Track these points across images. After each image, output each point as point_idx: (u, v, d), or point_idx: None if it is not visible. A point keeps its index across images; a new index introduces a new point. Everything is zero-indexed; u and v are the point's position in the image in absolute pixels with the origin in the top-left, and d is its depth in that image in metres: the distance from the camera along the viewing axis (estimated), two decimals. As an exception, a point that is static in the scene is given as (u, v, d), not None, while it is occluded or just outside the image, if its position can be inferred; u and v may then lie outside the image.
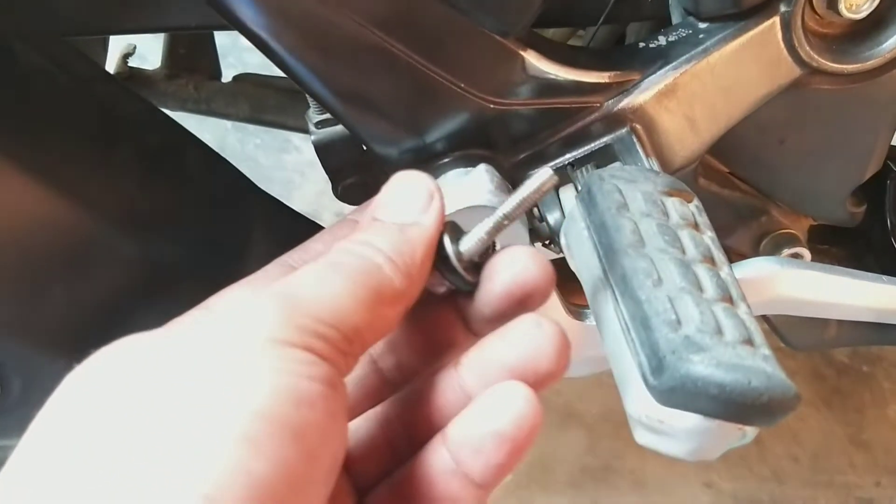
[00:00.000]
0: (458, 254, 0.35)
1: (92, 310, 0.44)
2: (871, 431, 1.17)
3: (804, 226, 0.70)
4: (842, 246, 0.74)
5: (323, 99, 0.53)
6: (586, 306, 0.61)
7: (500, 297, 0.35)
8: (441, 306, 0.36)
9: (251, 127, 1.41)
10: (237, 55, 1.35)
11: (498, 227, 0.36)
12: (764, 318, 0.74)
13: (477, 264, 0.36)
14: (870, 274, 0.59)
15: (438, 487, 0.32)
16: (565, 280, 0.61)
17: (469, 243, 0.35)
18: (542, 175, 0.36)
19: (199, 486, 0.24)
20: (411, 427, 0.35)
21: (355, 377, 0.37)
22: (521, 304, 0.35)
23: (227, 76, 0.98)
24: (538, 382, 0.32)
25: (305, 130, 0.87)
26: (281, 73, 0.51)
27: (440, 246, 0.34)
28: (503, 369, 0.32)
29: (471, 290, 0.36)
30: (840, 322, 0.75)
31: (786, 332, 0.76)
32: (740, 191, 0.66)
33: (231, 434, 0.25)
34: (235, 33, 0.49)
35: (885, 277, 0.59)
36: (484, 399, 0.31)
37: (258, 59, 0.53)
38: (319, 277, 0.30)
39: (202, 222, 0.51)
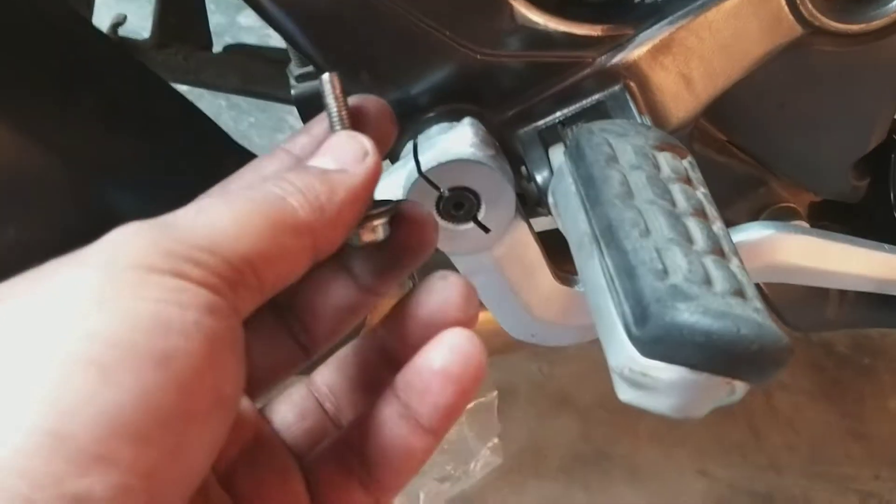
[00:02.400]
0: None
1: (48, 256, 0.42)
2: (871, 424, 1.14)
3: (804, 200, 0.68)
4: (842, 222, 0.71)
5: (303, 48, 0.51)
6: (576, 273, 0.59)
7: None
8: (335, 275, 0.36)
9: (245, 105, 1.39)
10: (234, 34, 1.33)
11: None
12: (762, 298, 0.71)
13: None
14: (870, 241, 0.57)
15: (387, 433, 0.32)
16: (555, 249, 0.60)
17: None
18: (325, 82, 0.35)
19: (43, 421, 0.21)
20: (339, 394, 0.36)
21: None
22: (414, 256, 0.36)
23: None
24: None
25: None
26: (272, 45, 0.50)
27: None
28: (417, 324, 0.33)
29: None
30: (841, 301, 0.73)
31: (784, 311, 0.74)
32: (738, 160, 0.64)
33: (75, 361, 0.22)
34: (231, 11, 0.47)
35: (886, 246, 0.57)
36: (431, 343, 0.32)
37: (254, 38, 0.51)
38: (202, 205, 0.28)
39: (172, 173, 0.49)
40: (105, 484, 0.21)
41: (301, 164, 0.32)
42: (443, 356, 0.31)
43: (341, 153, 0.32)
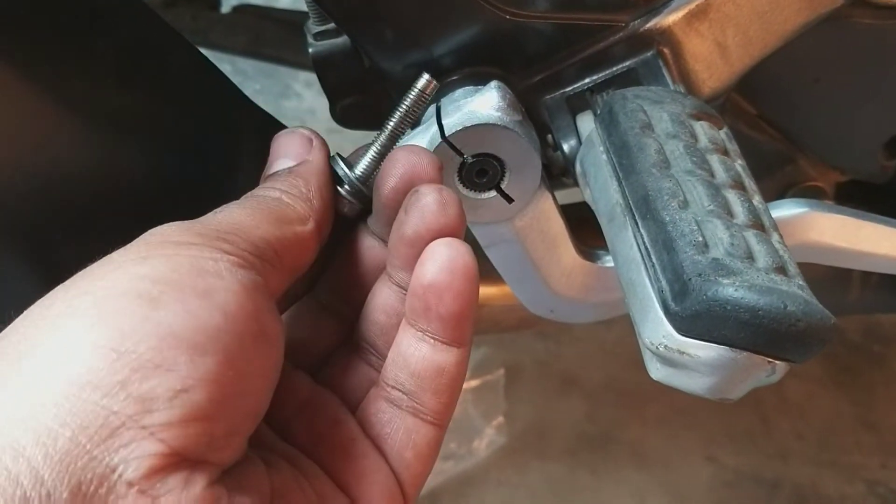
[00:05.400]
0: (350, 172, 0.39)
1: (57, 211, 0.40)
2: (880, 412, 1.13)
3: (832, 180, 0.66)
4: (869, 203, 0.69)
5: (324, 4, 0.48)
6: (599, 247, 0.57)
7: (389, 197, 0.37)
8: (365, 242, 0.40)
9: (251, 70, 1.37)
10: (241, -4, 1.29)
11: (388, 142, 0.40)
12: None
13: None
14: (905, 223, 0.55)
15: (411, 358, 0.35)
16: (577, 223, 0.57)
17: (363, 164, 0.40)
18: (421, 80, 0.40)
19: (107, 342, 0.26)
20: (378, 336, 0.39)
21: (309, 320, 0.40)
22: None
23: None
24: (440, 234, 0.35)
25: (305, 66, 0.81)
26: (282, 6, 0.47)
27: (334, 172, 0.39)
28: (405, 244, 0.35)
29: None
30: (863, 285, 0.71)
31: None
32: (768, 135, 0.61)
33: (127, 295, 0.27)
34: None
35: (922, 228, 0.55)
36: (417, 263, 0.33)
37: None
38: (217, 209, 0.34)
39: (184, 129, 0.46)
40: (165, 386, 0.26)
41: (270, 173, 0.38)
42: (428, 272, 0.32)
43: (291, 149, 0.38)
